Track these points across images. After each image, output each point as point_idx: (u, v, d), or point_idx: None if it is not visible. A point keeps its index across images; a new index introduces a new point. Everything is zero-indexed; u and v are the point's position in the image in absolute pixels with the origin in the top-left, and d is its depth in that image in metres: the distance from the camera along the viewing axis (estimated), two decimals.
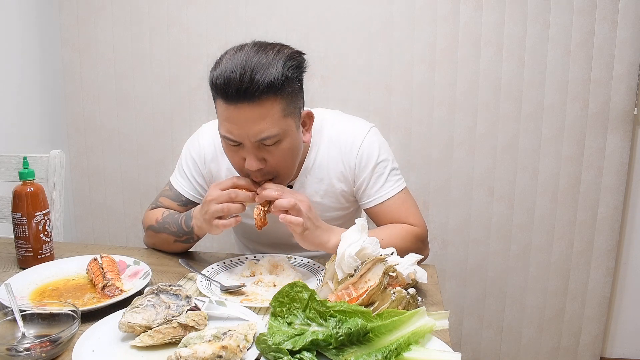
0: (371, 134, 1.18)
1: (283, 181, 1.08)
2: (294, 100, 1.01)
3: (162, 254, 1.21)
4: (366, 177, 1.17)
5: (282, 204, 0.97)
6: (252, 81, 0.92)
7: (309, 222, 0.99)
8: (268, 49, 0.97)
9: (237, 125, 0.97)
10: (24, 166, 1.11)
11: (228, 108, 0.96)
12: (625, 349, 2.00)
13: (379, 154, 1.17)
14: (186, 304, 0.81)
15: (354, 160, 1.16)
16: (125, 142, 2.07)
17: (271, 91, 0.94)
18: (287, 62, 0.97)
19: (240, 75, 0.92)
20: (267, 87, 0.93)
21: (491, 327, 2.00)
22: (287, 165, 1.05)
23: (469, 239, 1.94)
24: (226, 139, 1.01)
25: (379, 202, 1.17)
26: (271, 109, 0.96)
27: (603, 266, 1.89)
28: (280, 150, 1.01)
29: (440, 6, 1.79)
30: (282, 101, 0.97)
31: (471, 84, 1.83)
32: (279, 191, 0.99)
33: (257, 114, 0.95)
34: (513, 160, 1.86)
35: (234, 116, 0.96)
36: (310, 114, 1.10)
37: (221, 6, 1.90)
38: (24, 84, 1.90)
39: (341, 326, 0.72)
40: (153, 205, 1.26)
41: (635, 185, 1.87)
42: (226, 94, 0.94)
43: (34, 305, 0.83)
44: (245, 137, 0.97)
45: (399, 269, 0.91)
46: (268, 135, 0.97)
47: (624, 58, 1.73)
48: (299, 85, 1.03)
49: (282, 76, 0.95)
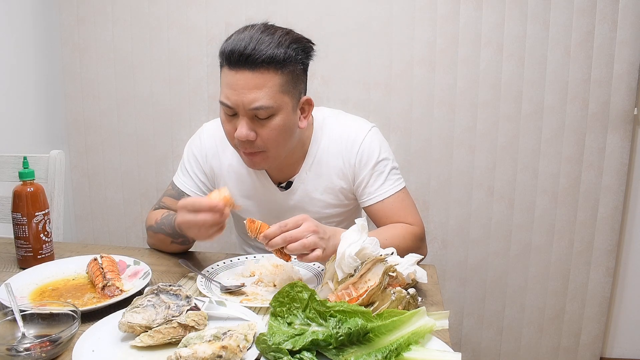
0: (372, 133, 1.20)
1: (272, 159, 1.09)
2: (294, 81, 1.04)
3: (162, 254, 1.21)
4: (366, 175, 1.17)
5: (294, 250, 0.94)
6: (255, 50, 0.97)
7: (323, 243, 0.96)
8: (276, 29, 1.03)
9: (235, 92, 1.00)
10: (24, 166, 1.11)
11: (230, 74, 1.00)
12: (625, 349, 2.00)
13: (379, 152, 1.18)
14: (186, 304, 0.81)
15: (354, 157, 1.17)
16: (125, 142, 2.07)
17: (272, 64, 0.99)
18: (293, 44, 1.02)
19: (246, 45, 0.97)
20: (269, 59, 0.98)
21: (491, 327, 2.00)
22: (277, 142, 1.06)
23: (469, 239, 1.94)
24: (223, 104, 1.04)
25: (378, 200, 1.18)
26: (269, 81, 1.00)
27: (603, 266, 1.89)
28: (272, 125, 1.03)
29: (440, 6, 1.79)
30: (281, 77, 1.01)
31: (471, 84, 1.83)
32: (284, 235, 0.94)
33: (255, 82, 0.99)
34: (513, 160, 1.86)
35: (234, 82, 1.00)
36: (310, 101, 1.11)
37: (221, 6, 1.90)
38: (24, 84, 1.90)
39: (341, 326, 0.72)
40: (156, 206, 1.27)
41: (635, 185, 1.87)
42: (230, 59, 0.99)
43: (34, 305, 0.83)
44: (241, 104, 1.00)
45: (399, 269, 0.91)
46: (261, 105, 1.00)
47: (624, 58, 1.73)
48: (302, 68, 1.07)
49: (285, 54, 0.99)
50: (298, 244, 0.93)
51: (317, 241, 0.94)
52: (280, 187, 1.22)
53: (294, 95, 1.05)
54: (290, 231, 0.94)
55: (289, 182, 1.22)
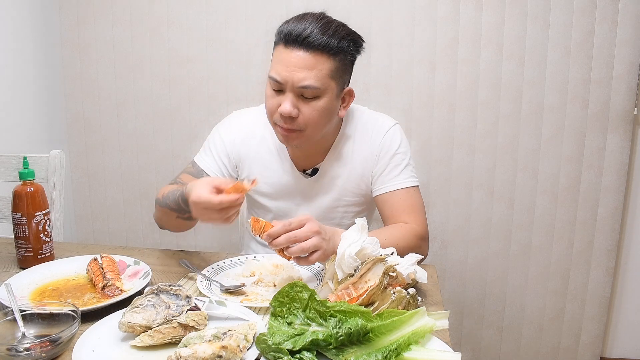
0: (396, 128, 1.26)
1: (307, 139, 1.13)
2: (343, 70, 1.11)
3: (162, 254, 1.21)
4: (384, 164, 1.22)
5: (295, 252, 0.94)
6: (312, 33, 1.04)
7: (324, 244, 0.97)
8: (333, 20, 1.10)
9: (287, 68, 1.06)
10: (24, 166, 1.11)
11: (284, 51, 1.07)
12: (625, 349, 2.00)
13: (399, 145, 1.24)
14: (186, 304, 0.81)
15: (378, 145, 1.23)
16: (125, 142, 2.07)
17: (325, 49, 1.05)
18: (347, 35, 1.09)
19: (304, 28, 1.05)
20: (324, 44, 1.05)
21: (491, 327, 2.00)
22: (316, 123, 1.11)
23: (469, 239, 1.94)
24: (272, 80, 1.08)
25: (389, 190, 1.21)
26: (321, 64, 1.06)
27: (603, 266, 1.89)
28: (315, 106, 1.09)
29: (440, 6, 1.79)
30: (332, 63, 1.07)
31: (471, 84, 1.83)
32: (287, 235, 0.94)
33: (307, 62, 1.05)
34: (513, 160, 1.86)
35: (287, 59, 1.06)
36: (351, 92, 1.18)
37: (221, 6, 1.90)
38: (24, 84, 1.90)
39: (341, 326, 0.72)
40: (172, 181, 1.25)
41: (635, 185, 1.87)
42: (288, 38, 1.06)
43: (34, 305, 0.83)
44: (290, 80, 1.06)
45: (399, 269, 0.91)
46: (310, 85, 1.06)
47: (624, 58, 1.73)
48: (351, 60, 1.13)
49: (339, 43, 1.07)
50: (297, 247, 0.94)
51: (319, 242, 0.95)
52: (305, 174, 1.26)
53: (339, 82, 1.11)
54: (294, 231, 0.94)
55: (314, 170, 1.25)
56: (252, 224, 0.98)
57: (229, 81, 1.94)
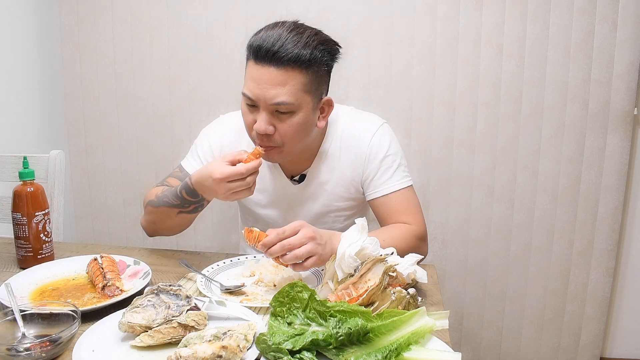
0: (384, 128, 1.23)
1: (287, 154, 1.12)
2: (317, 82, 1.07)
3: (162, 254, 1.21)
4: (374, 167, 1.20)
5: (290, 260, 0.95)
6: (282, 48, 1.00)
7: (320, 249, 0.97)
8: (305, 28, 1.06)
9: (259, 86, 1.03)
10: (24, 166, 1.11)
11: (255, 67, 1.03)
12: (625, 349, 2.00)
13: (389, 147, 1.21)
14: (186, 304, 0.81)
15: (365, 150, 1.20)
16: (125, 142, 2.07)
17: (297, 63, 1.01)
18: (320, 45, 1.04)
19: (274, 42, 1.01)
20: (295, 58, 1.01)
21: (491, 327, 2.00)
22: (294, 139, 1.09)
23: (469, 239, 1.94)
24: (245, 97, 1.06)
25: (383, 194, 1.19)
26: (293, 79, 1.02)
27: (603, 266, 1.89)
28: (291, 122, 1.06)
29: (440, 6, 1.79)
30: (305, 76, 1.04)
31: (471, 84, 1.83)
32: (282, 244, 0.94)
33: (279, 79, 1.02)
34: (513, 160, 1.86)
35: (258, 76, 1.03)
36: (330, 101, 1.14)
37: (221, 6, 1.90)
38: (24, 84, 1.90)
39: (341, 326, 0.72)
40: (158, 184, 1.24)
41: (635, 185, 1.87)
42: (257, 54, 1.02)
43: (34, 305, 0.84)
44: (262, 98, 1.03)
45: (399, 269, 0.91)
46: (283, 102, 1.03)
47: (624, 58, 1.73)
48: (326, 70, 1.09)
49: (311, 55, 1.02)
50: (291, 255, 0.94)
51: (313, 248, 0.95)
52: (293, 181, 1.25)
53: (315, 95, 1.08)
54: (288, 239, 0.94)
55: (302, 176, 1.24)
56: (245, 235, 0.98)
57: (229, 81, 1.94)
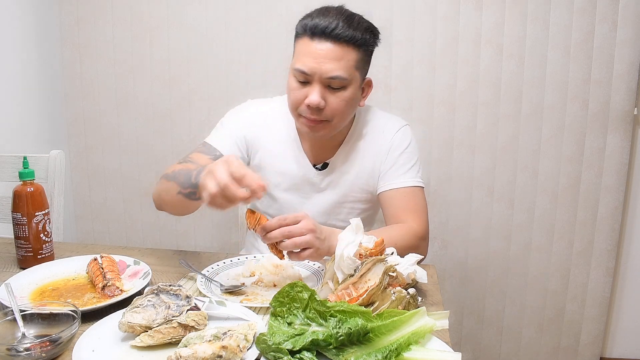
0: (407, 128, 1.30)
1: (333, 129, 1.17)
2: (365, 61, 1.15)
3: (162, 254, 1.20)
4: (391, 161, 1.24)
5: (288, 247, 0.96)
6: (338, 26, 1.07)
7: (318, 243, 0.97)
8: (355, 13, 1.13)
9: (315, 60, 1.08)
10: (24, 166, 1.11)
11: (311, 44, 1.09)
12: (625, 349, 2.00)
13: (409, 144, 1.27)
14: (186, 304, 0.81)
15: (387, 143, 1.25)
16: (125, 142, 2.07)
17: (352, 41, 1.08)
18: (369, 28, 1.13)
19: (330, 21, 1.07)
20: (350, 36, 1.08)
21: (491, 327, 2.00)
22: (342, 113, 1.14)
23: (469, 239, 1.94)
24: (299, 72, 1.10)
25: (394, 187, 1.22)
26: (348, 54, 1.09)
27: (603, 266, 1.89)
28: (342, 96, 1.12)
29: (440, 6, 1.79)
30: (357, 54, 1.11)
31: (471, 84, 1.83)
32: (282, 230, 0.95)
33: (335, 54, 1.08)
34: (513, 160, 1.86)
35: (315, 51, 1.08)
36: (370, 82, 1.21)
37: (221, 6, 1.90)
38: (24, 84, 1.90)
39: (341, 326, 0.72)
40: (181, 160, 1.21)
41: (635, 185, 1.87)
42: (314, 30, 1.08)
43: (34, 305, 0.83)
44: (318, 72, 1.08)
45: (399, 269, 0.91)
46: (338, 75, 1.08)
47: (624, 58, 1.73)
48: (371, 51, 1.17)
49: (362, 35, 1.10)
50: (289, 242, 0.95)
51: (312, 240, 0.96)
52: (315, 168, 1.27)
53: (362, 73, 1.15)
54: (289, 227, 0.95)
55: (325, 164, 1.27)
56: (247, 215, 0.98)
57: (229, 81, 1.94)
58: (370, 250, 0.91)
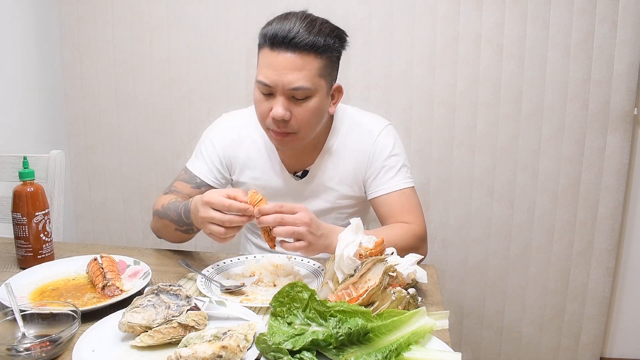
0: (389, 129, 1.26)
1: (301, 140, 1.14)
2: (330, 68, 1.11)
3: (162, 254, 1.21)
4: (377, 166, 1.21)
5: (280, 233, 0.96)
6: (298, 34, 1.03)
7: (311, 237, 0.97)
8: (316, 17, 1.09)
9: (276, 72, 1.05)
10: (24, 166, 1.11)
11: (271, 54, 1.05)
12: (625, 349, 2.00)
13: (393, 147, 1.23)
14: (186, 304, 0.81)
15: (370, 148, 1.22)
16: (125, 142, 2.07)
17: (313, 49, 1.04)
18: (332, 32, 1.08)
19: (289, 29, 1.03)
20: (311, 44, 1.04)
21: (491, 327, 2.00)
22: (309, 124, 1.11)
23: (469, 239, 1.94)
24: (262, 84, 1.07)
25: (385, 192, 1.20)
26: (310, 63, 1.05)
27: (603, 266, 1.89)
28: (307, 107, 1.08)
29: (440, 6, 1.79)
30: (320, 62, 1.07)
31: (471, 84, 1.83)
32: (276, 216, 0.96)
33: (296, 64, 1.04)
34: (513, 160, 1.86)
35: (275, 63, 1.05)
36: (340, 88, 1.17)
37: (221, 6, 1.90)
38: (24, 84, 1.90)
39: (341, 326, 0.72)
40: (167, 190, 1.26)
41: (635, 185, 1.87)
42: (273, 41, 1.04)
43: (34, 305, 0.83)
44: (280, 83, 1.05)
45: (399, 269, 0.91)
46: (301, 86, 1.05)
47: (624, 58, 1.73)
48: (337, 57, 1.13)
49: (325, 41, 1.06)
50: (282, 229, 0.95)
51: (305, 233, 0.96)
52: (295, 177, 1.25)
53: (328, 80, 1.11)
54: (284, 215, 0.96)
55: (305, 172, 1.25)
56: (250, 195, 0.99)
57: (229, 81, 1.94)
58: (370, 250, 0.91)
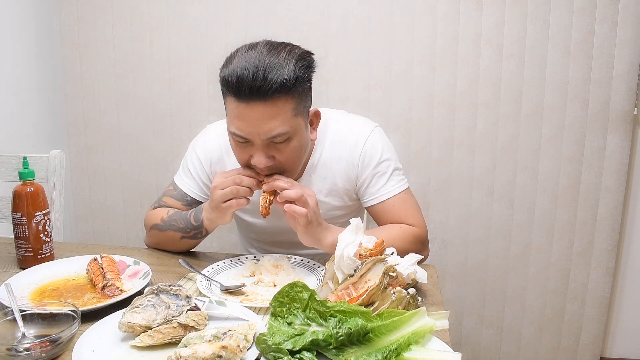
0: (375, 133, 1.20)
1: (290, 177, 1.09)
2: (304, 100, 1.03)
3: (162, 254, 1.20)
4: (368, 175, 1.18)
5: (289, 194, 0.99)
6: (265, 80, 0.93)
7: (313, 216, 1.00)
8: (280, 48, 0.98)
9: (248, 123, 0.97)
10: (24, 166, 1.11)
11: (239, 106, 0.97)
12: (625, 349, 2.00)
13: (382, 152, 1.18)
14: (186, 304, 0.81)
15: (357, 158, 1.17)
16: (125, 142, 2.07)
17: (283, 90, 0.95)
18: (299, 62, 0.98)
19: (254, 74, 0.93)
20: (280, 86, 0.94)
21: (491, 327, 2.00)
22: (295, 162, 1.07)
23: (469, 239, 1.94)
24: (236, 135, 1.01)
25: (380, 200, 1.18)
26: (282, 107, 0.97)
27: (603, 266, 1.89)
28: (289, 148, 1.03)
29: (440, 6, 1.79)
30: (293, 100, 0.99)
31: (471, 84, 1.83)
32: (288, 183, 1.01)
33: (268, 112, 0.96)
34: (513, 160, 1.86)
35: (246, 114, 0.97)
36: (317, 113, 1.12)
37: (221, 6, 1.90)
38: (24, 84, 1.90)
39: (341, 326, 0.72)
40: (156, 205, 1.26)
41: (635, 185, 1.87)
42: (238, 92, 0.95)
43: (34, 305, 0.83)
44: (256, 135, 0.99)
45: (399, 269, 0.91)
46: (279, 133, 0.98)
47: (624, 58, 1.73)
48: (309, 84, 1.05)
49: (294, 76, 0.96)
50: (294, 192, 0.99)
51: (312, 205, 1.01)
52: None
53: (304, 113, 1.04)
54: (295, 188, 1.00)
55: None
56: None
57: None
58: (370, 250, 0.91)
